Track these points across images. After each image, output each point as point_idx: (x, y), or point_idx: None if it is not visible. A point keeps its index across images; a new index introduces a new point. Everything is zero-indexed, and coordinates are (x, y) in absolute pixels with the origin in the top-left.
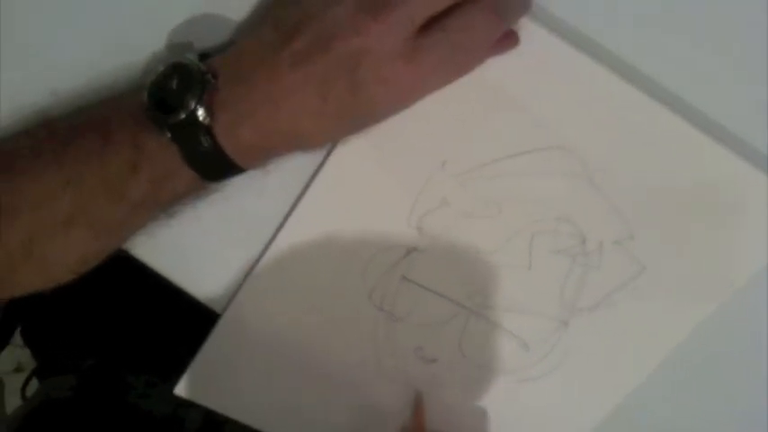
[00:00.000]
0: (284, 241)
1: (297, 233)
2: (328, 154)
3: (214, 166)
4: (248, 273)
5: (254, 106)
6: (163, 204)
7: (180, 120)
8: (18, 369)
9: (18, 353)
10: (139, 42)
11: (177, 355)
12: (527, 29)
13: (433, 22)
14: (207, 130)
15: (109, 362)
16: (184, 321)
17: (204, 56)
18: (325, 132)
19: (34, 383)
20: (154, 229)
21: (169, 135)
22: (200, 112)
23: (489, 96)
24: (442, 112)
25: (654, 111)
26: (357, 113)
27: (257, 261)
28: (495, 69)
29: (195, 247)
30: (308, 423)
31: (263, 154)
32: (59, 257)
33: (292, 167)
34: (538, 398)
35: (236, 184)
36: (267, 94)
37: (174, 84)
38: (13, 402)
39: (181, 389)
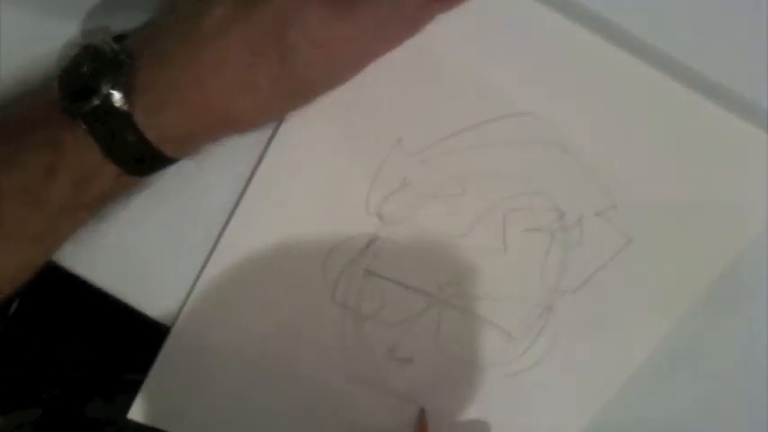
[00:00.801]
0: (231, 241)
1: (244, 231)
2: (271, 139)
3: (138, 158)
4: (195, 280)
5: (177, 86)
6: (89, 207)
7: (93, 107)
8: None
9: None
10: (51, 30)
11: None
12: None
13: None
14: (126, 117)
15: (72, 390)
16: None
17: (121, 37)
18: (259, 109)
19: None
20: (87, 237)
21: (85, 127)
22: (117, 98)
23: (444, 61)
24: (392, 81)
25: (630, 65)
26: (292, 84)
27: (204, 266)
28: (449, 29)
29: (135, 254)
30: None
31: (193, 140)
32: None
33: (234, 155)
34: (526, 392)
35: (171, 179)
36: (189, 70)
37: (87, 69)
38: None
39: (135, 413)
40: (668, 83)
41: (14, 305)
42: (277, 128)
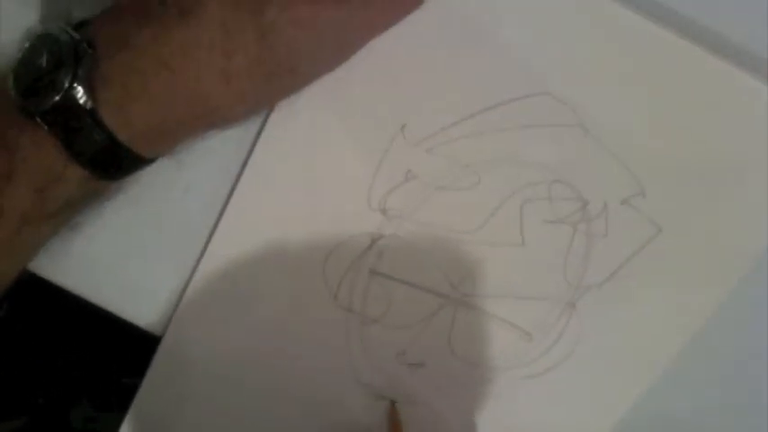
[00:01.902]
0: (221, 245)
1: (234, 233)
2: (260, 132)
3: (108, 159)
4: (185, 287)
5: (142, 75)
6: (55, 216)
7: (54, 104)
8: None
9: None
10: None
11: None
12: None
13: None
14: (90, 113)
15: (58, 398)
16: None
17: (81, 24)
18: (237, 99)
19: None
20: (65, 246)
21: (46, 127)
22: (79, 92)
23: (452, 35)
24: (393, 62)
25: (657, 35)
26: (272, 70)
27: (193, 271)
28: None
29: (118, 261)
30: None
31: (168, 137)
32: None
33: (220, 151)
34: (546, 395)
35: (152, 181)
36: (157, 56)
37: (44, 61)
38: None
39: (126, 430)
40: (697, 51)
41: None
42: (266, 119)
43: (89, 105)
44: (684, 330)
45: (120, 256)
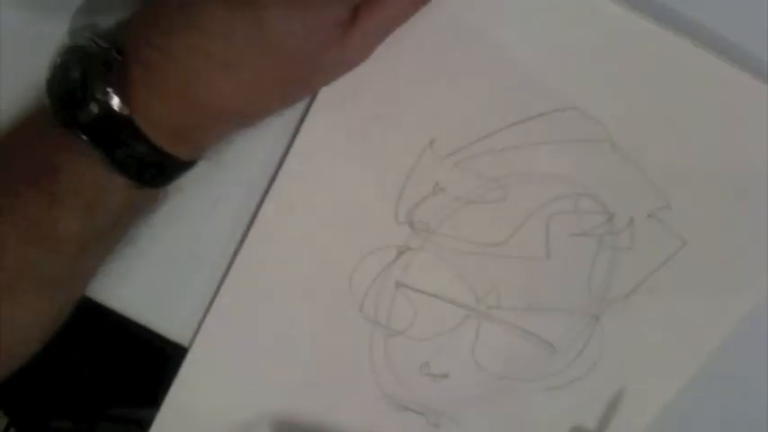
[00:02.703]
0: (250, 255)
1: (264, 244)
2: (289, 146)
3: (148, 163)
4: (214, 295)
5: (164, 78)
6: (108, 233)
7: (92, 115)
8: None
9: None
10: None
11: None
12: None
13: None
14: (128, 121)
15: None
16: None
17: (107, 34)
18: (244, 94)
19: None
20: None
21: (85, 138)
22: (115, 100)
23: (479, 54)
24: (421, 77)
25: (685, 50)
26: (273, 59)
27: (220, 283)
28: (483, 18)
29: (149, 274)
30: None
31: (193, 138)
32: (12, 333)
33: (250, 164)
34: (570, 406)
35: (183, 192)
36: (173, 60)
37: (76, 74)
38: None
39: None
40: (722, 65)
41: None
42: (296, 132)
43: (126, 111)
44: (709, 342)
45: (148, 268)
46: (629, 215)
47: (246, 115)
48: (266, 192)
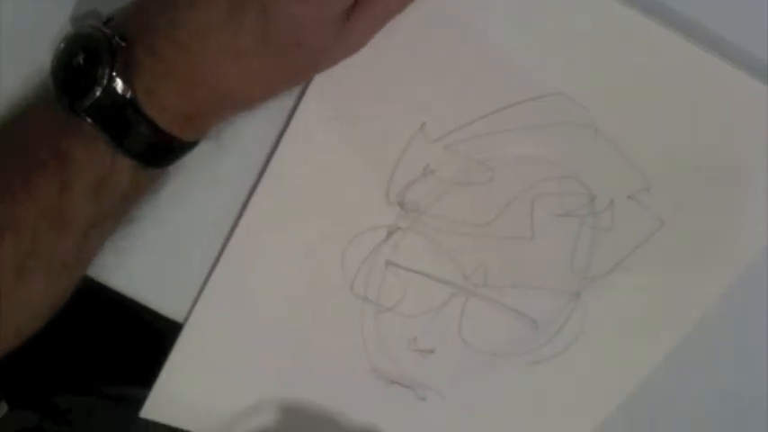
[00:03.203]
0: (245, 233)
1: (258, 222)
2: (285, 126)
3: (152, 145)
4: (208, 273)
5: (167, 60)
6: (114, 214)
7: (97, 99)
8: None
9: None
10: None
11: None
12: None
13: None
14: (131, 103)
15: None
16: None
17: (110, 20)
18: (250, 79)
19: None
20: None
21: (90, 121)
22: (119, 84)
23: (469, 40)
24: (413, 63)
25: (667, 39)
26: (279, 45)
27: (217, 259)
28: (474, 6)
29: (146, 253)
30: None
31: (198, 120)
32: (23, 312)
33: (245, 144)
34: (552, 380)
35: (181, 172)
36: (176, 41)
37: (81, 60)
38: None
39: (147, 411)
40: (705, 57)
41: None
42: (291, 114)
43: (129, 95)
44: (685, 320)
45: (144, 246)
46: (609, 197)
47: (252, 100)
48: (261, 172)
